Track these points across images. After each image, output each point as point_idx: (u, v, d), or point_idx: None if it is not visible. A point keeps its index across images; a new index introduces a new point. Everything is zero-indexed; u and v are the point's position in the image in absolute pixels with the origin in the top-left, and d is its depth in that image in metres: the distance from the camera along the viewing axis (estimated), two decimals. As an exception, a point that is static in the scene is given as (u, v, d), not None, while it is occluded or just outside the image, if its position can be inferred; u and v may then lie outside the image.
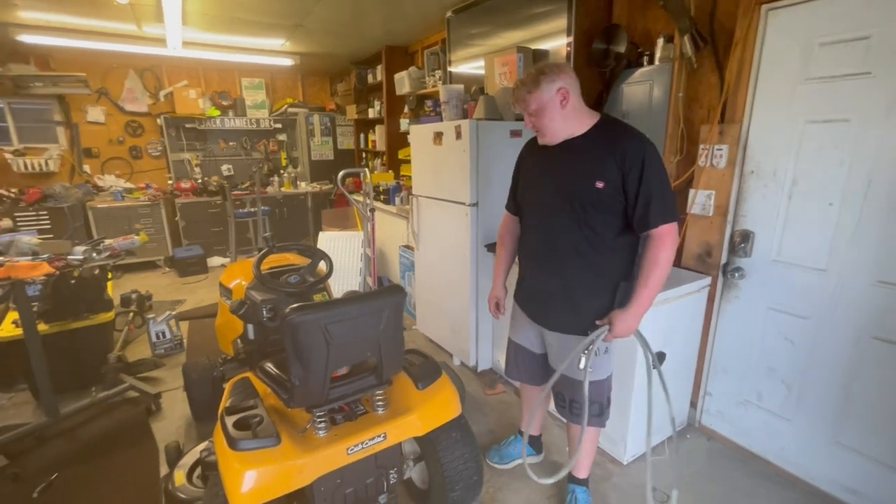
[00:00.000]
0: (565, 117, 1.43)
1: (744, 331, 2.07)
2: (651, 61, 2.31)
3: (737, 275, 2.03)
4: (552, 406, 2.33)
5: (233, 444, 1.26)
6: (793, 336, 1.90)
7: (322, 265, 2.06)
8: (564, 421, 1.76)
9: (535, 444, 2.07)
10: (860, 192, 1.64)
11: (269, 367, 1.52)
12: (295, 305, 1.23)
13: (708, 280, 2.11)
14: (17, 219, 4.44)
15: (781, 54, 1.79)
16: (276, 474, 1.25)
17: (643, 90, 2.35)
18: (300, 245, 2.11)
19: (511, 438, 2.07)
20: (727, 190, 2.01)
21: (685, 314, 2.08)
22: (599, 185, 1.38)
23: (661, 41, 2.22)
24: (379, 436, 1.42)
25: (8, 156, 4.74)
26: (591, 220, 1.43)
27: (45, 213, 4.58)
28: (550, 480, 1.62)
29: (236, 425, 1.32)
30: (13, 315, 2.58)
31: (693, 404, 2.31)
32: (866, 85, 1.58)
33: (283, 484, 1.26)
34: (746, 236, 2.00)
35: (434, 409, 1.54)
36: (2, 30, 3.84)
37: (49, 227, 4.60)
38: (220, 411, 1.45)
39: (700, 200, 2.12)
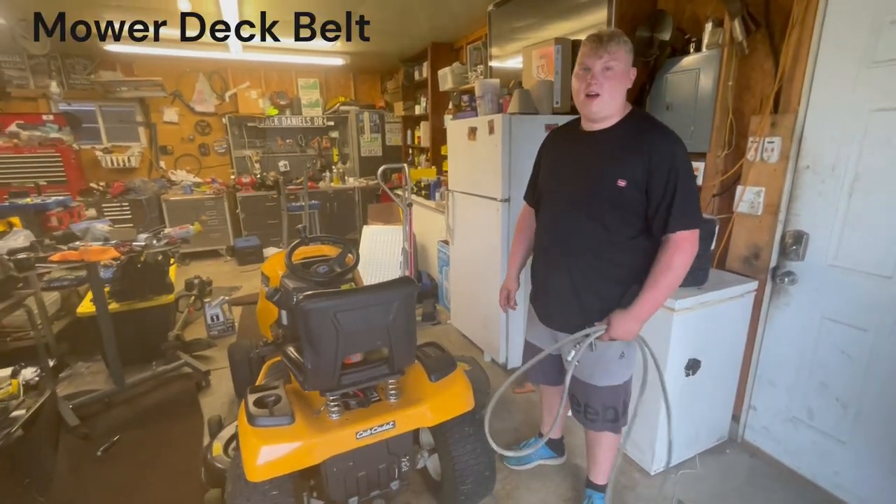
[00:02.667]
0: (623, 93, 1.34)
1: (794, 341, 1.89)
2: (698, 48, 2.16)
3: (787, 279, 1.86)
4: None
5: (251, 419, 1.35)
6: (850, 349, 1.71)
7: (350, 256, 2.14)
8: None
9: (558, 446, 2.03)
10: (936, 190, 1.44)
11: (290, 350, 1.60)
12: (308, 293, 1.29)
13: (754, 284, 1.95)
14: (104, 209, 4.99)
15: (845, 35, 1.61)
16: (288, 451, 1.32)
17: (689, 79, 2.19)
18: (331, 237, 2.21)
19: (531, 440, 2.04)
20: (779, 186, 1.84)
21: (727, 320, 1.93)
22: (621, 183, 1.30)
23: (709, 26, 2.07)
24: (388, 423, 1.46)
25: (98, 153, 5.34)
26: (607, 219, 1.36)
27: (126, 204, 5.12)
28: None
29: (256, 403, 1.42)
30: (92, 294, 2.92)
31: (735, 418, 2.14)
32: (947, 67, 1.39)
33: (294, 460, 1.33)
34: (799, 238, 1.82)
35: (445, 401, 1.56)
36: (92, 40, 4.32)
37: (129, 217, 5.13)
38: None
39: (748, 198, 1.95)
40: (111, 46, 4.46)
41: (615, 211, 1.34)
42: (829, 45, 1.65)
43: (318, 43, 4.74)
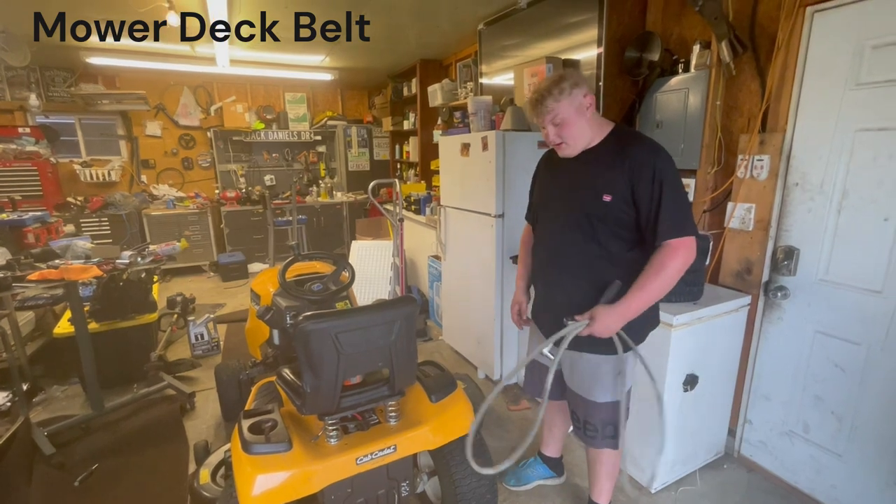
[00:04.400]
0: (590, 126, 1.39)
1: (788, 355, 1.91)
2: (686, 69, 2.22)
3: (780, 294, 1.89)
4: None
5: (246, 447, 1.29)
6: (844, 363, 1.73)
7: (345, 273, 2.10)
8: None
9: (557, 465, 1.99)
10: (921, 207, 1.49)
11: (286, 373, 1.55)
12: (308, 313, 1.26)
13: (748, 299, 1.97)
14: (82, 224, 4.83)
15: (828, 59, 1.67)
16: (285, 479, 1.26)
17: (678, 99, 2.25)
18: (325, 253, 2.17)
19: (530, 460, 2.01)
20: (769, 203, 1.89)
21: (722, 335, 1.94)
22: (606, 198, 1.33)
23: (696, 48, 2.13)
24: (389, 447, 1.41)
25: (77, 167, 5.19)
26: (599, 235, 1.38)
27: (105, 219, 4.96)
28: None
29: (251, 429, 1.35)
30: (70, 314, 2.79)
31: (731, 432, 2.15)
32: (927, 90, 1.45)
33: (292, 489, 1.27)
34: (790, 253, 1.86)
35: (447, 422, 1.52)
36: (74, 52, 4.23)
37: (109, 232, 4.98)
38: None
39: (739, 214, 1.99)
40: (93, 59, 4.37)
41: (605, 225, 1.36)
42: (814, 67, 1.72)
43: (307, 58, 4.74)
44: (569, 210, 1.44)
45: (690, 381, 1.86)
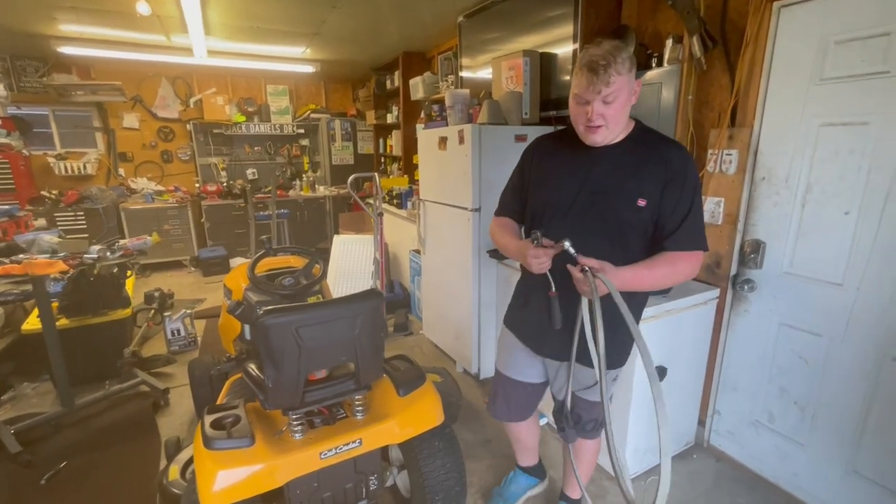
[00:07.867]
0: (627, 114, 1.24)
1: (754, 347, 1.95)
2: (660, 63, 2.23)
3: (747, 287, 1.92)
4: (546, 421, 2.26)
5: (207, 442, 1.28)
6: (807, 354, 1.77)
7: (318, 267, 2.09)
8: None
9: (538, 470, 1.93)
10: (880, 200, 1.52)
11: (252, 367, 1.53)
12: (268, 308, 1.24)
13: (716, 292, 2.00)
14: (57, 219, 4.72)
15: (794, 54, 1.69)
16: (246, 475, 1.26)
17: (651, 93, 2.26)
18: (297, 248, 2.15)
19: (511, 475, 1.92)
20: (737, 197, 1.91)
21: (691, 327, 1.97)
22: (642, 202, 1.22)
23: (669, 42, 2.14)
24: (354, 441, 1.41)
25: (51, 160, 5.06)
26: (627, 241, 1.26)
27: (81, 213, 4.85)
28: None
29: (213, 424, 1.34)
30: (39, 309, 2.73)
31: (701, 422, 2.19)
32: (886, 85, 1.47)
33: (253, 485, 1.26)
34: (757, 246, 1.88)
35: (414, 416, 1.52)
36: (45, 42, 4.11)
37: (85, 227, 4.86)
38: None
39: (709, 208, 2.01)
40: (66, 49, 4.24)
41: (635, 233, 1.26)
42: (781, 62, 1.73)
43: (288, 49, 4.67)
44: (594, 212, 1.26)
45: (659, 373, 1.89)
